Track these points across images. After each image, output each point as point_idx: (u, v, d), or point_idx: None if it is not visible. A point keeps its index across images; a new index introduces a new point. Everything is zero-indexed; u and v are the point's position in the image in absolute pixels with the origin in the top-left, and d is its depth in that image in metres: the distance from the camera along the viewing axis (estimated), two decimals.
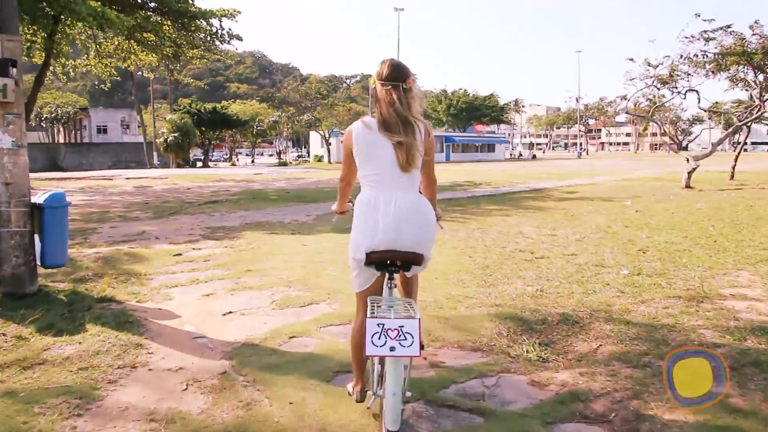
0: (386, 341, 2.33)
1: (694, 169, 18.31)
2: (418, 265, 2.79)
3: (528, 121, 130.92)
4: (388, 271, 2.74)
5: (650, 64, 18.32)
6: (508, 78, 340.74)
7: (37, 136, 65.59)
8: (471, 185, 21.58)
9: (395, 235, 2.67)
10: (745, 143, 34.05)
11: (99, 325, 4.34)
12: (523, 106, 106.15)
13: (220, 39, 26.14)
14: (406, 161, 2.72)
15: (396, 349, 2.33)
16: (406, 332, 2.34)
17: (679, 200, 14.62)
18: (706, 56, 18.70)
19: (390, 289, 2.79)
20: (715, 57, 18.34)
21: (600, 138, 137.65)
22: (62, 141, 64.94)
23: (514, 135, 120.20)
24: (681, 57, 18.50)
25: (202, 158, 58.10)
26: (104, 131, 64.61)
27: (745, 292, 5.43)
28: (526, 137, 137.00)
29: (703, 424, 2.91)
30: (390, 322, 2.37)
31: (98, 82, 29.14)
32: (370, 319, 2.38)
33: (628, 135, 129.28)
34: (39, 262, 5.22)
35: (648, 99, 22.63)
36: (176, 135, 46.60)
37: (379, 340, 2.33)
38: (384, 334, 2.34)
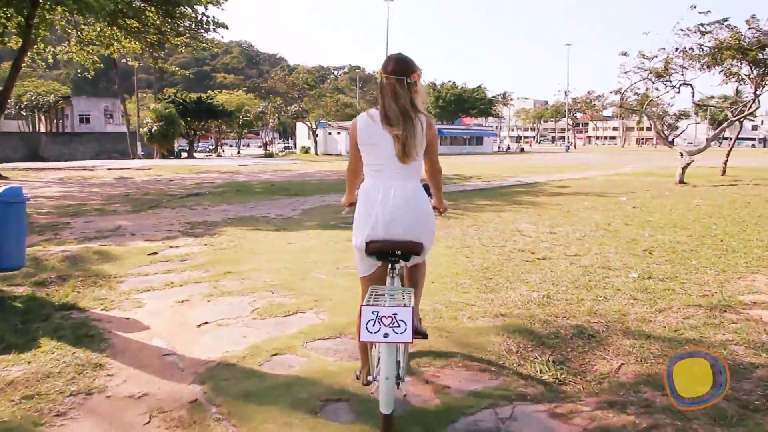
0: (380, 328, 2.39)
1: (688, 165, 18.02)
2: (417, 254, 2.87)
3: (516, 115, 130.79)
4: (389, 261, 2.84)
5: (645, 57, 17.91)
6: (497, 71, 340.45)
7: (17, 125, 64.19)
8: (461, 179, 21.14)
9: (392, 224, 2.77)
10: (738, 139, 34.04)
11: (55, 340, 3.82)
12: (511, 99, 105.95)
13: (205, 27, 25.50)
14: (403, 153, 2.78)
15: (389, 336, 2.38)
16: (399, 319, 2.39)
17: (674, 196, 14.28)
18: (702, 50, 18.36)
19: (392, 279, 2.86)
20: (710, 51, 17.99)
21: (587, 132, 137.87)
22: (43, 130, 63.49)
23: (502, 128, 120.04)
24: (676, 50, 18.14)
25: (187, 149, 57.22)
26: (87, 120, 63.27)
27: (766, 299, 5.02)
28: (513, 130, 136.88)
29: None
30: (384, 309, 2.41)
31: (81, 71, 28.32)
32: (366, 307, 2.43)
33: (615, 129, 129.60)
34: None
35: (635, 93, 22.34)
36: (160, 125, 45.76)
37: (374, 326, 2.39)
38: (378, 321, 2.39)
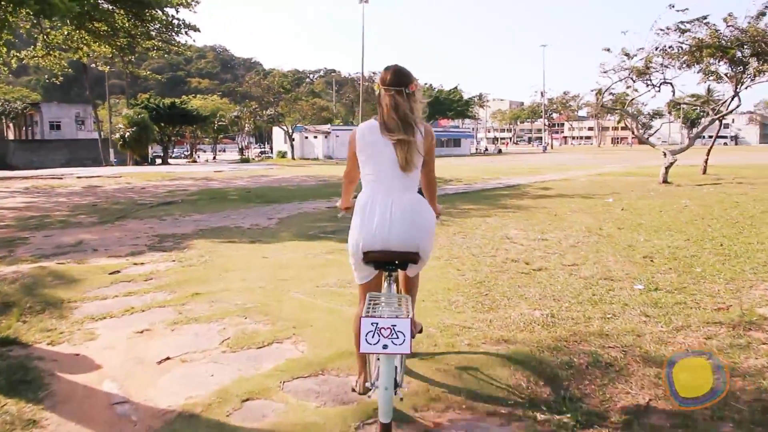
0: (379, 339, 2.38)
1: (671, 164, 17.79)
2: (415, 263, 2.89)
3: (492, 116, 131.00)
4: (386, 269, 2.89)
5: (627, 55, 17.64)
6: (472, 72, 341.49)
7: None
8: (441, 182, 20.67)
9: (390, 234, 2.76)
10: (720, 137, 34.18)
11: None
12: (487, 101, 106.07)
13: (176, 30, 24.72)
14: (406, 160, 2.79)
15: (389, 347, 2.37)
16: (398, 331, 2.39)
17: (661, 197, 13.98)
18: (681, 48, 18.17)
19: (389, 285, 2.93)
20: (690, 49, 17.79)
21: (563, 132, 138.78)
22: (12, 138, 61.77)
23: (479, 130, 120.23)
24: (656, 48, 17.90)
25: (162, 155, 56.13)
26: (58, 127, 61.76)
27: None
28: (490, 132, 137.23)
29: None
30: (383, 321, 2.41)
31: (49, 77, 27.35)
32: (365, 318, 2.43)
33: (590, 129, 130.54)
34: None
35: (611, 93, 22.14)
36: (133, 131, 44.72)
37: (373, 338, 2.38)
38: (377, 333, 2.38)
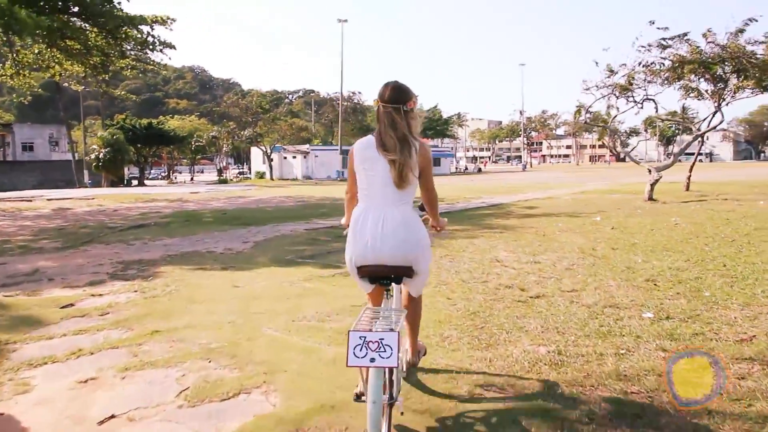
0: (367, 353, 2.37)
1: (657, 181, 17.53)
2: (409, 277, 2.92)
3: (471, 135, 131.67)
4: (381, 284, 2.94)
5: (611, 71, 17.43)
6: (451, 92, 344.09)
7: None
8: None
9: (382, 249, 2.80)
10: (688, 154, 34.31)
11: None
12: (465, 120, 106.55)
13: (151, 47, 24.08)
14: (399, 178, 2.82)
15: (376, 360, 2.36)
16: (385, 344, 2.38)
17: (649, 214, 13.63)
18: (663, 65, 18.06)
19: (387, 300, 3.01)
20: (673, 65, 17.67)
21: (541, 151, 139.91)
22: None
23: (458, 149, 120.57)
24: (639, 64, 17.75)
25: (138, 176, 55.10)
26: (30, 149, 60.60)
27: None
28: (469, 151, 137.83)
29: None
30: (371, 334, 2.41)
31: (17, 96, 26.60)
32: (353, 332, 2.42)
33: (568, 147, 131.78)
34: None
35: (589, 112, 22.00)
36: (107, 152, 43.80)
37: (361, 351, 2.37)
38: (365, 346, 2.38)
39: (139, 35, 23.21)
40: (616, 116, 20.05)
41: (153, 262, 8.19)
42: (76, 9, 22.09)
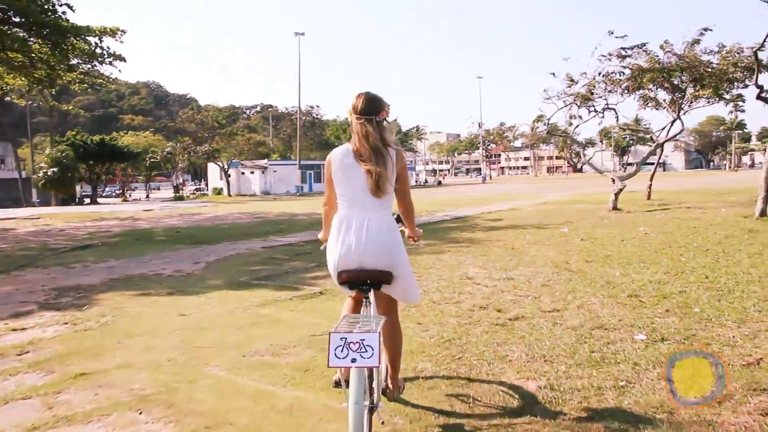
0: (348, 353, 2.33)
1: (621, 190, 17.43)
2: (388, 283, 2.91)
3: (430, 148, 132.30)
4: (360, 290, 2.91)
5: (572, 80, 17.29)
6: (409, 105, 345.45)
7: None
8: None
9: (365, 251, 2.83)
10: (645, 164, 34.82)
11: None
12: (424, 133, 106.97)
13: (100, 59, 23.05)
14: (376, 187, 2.85)
15: (357, 361, 2.33)
16: (366, 345, 2.34)
17: (615, 224, 13.39)
18: (623, 74, 18.05)
19: (367, 307, 2.91)
20: (632, 74, 17.67)
21: (500, 163, 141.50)
22: None
23: (417, 162, 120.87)
24: (599, 74, 17.68)
25: (91, 194, 53.16)
26: None
27: None
28: (428, 164, 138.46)
29: None
30: (352, 336, 2.37)
31: None
32: (334, 334, 2.38)
33: (526, 159, 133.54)
34: None
35: (546, 124, 21.96)
36: (56, 170, 42.08)
37: (342, 352, 2.34)
38: (346, 347, 2.34)
39: (87, 47, 22.18)
40: (578, 125, 19.95)
41: (92, 288, 7.41)
42: (18, 19, 20.98)
